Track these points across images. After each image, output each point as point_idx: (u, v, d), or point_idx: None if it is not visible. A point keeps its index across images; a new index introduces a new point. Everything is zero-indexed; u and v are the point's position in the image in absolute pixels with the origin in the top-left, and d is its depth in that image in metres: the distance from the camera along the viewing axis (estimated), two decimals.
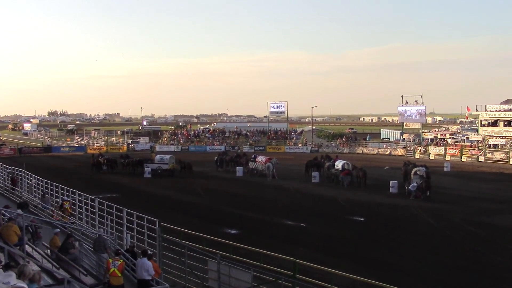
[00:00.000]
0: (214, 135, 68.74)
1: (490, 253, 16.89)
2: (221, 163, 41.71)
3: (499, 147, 48.77)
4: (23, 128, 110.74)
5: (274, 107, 70.36)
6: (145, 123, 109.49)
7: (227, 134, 68.78)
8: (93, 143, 67.70)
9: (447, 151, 50.32)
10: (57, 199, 19.90)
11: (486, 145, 49.11)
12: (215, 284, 12.09)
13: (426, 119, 78.32)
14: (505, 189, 31.12)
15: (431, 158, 49.85)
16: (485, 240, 18.65)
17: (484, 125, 54.40)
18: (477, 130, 56.89)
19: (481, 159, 47.08)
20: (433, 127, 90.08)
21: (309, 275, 12.33)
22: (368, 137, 76.04)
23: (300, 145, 62.68)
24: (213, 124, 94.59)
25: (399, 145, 58.23)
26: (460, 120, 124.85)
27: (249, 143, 63.73)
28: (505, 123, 51.75)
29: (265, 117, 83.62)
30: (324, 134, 79.01)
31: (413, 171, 29.61)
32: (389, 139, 73.82)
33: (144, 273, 10.83)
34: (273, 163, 36.17)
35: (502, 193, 29.51)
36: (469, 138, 54.21)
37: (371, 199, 27.17)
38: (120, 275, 10.58)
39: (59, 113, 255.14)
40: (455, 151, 49.89)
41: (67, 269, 10.99)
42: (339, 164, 33.51)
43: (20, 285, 6.41)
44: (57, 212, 18.48)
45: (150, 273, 10.83)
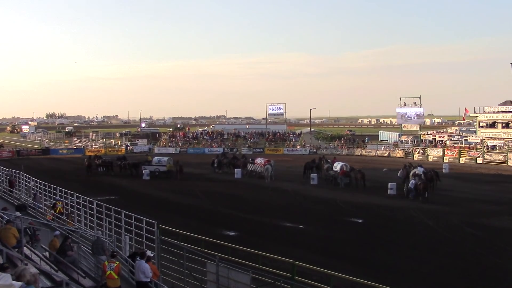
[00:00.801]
0: (213, 137, 68.71)
1: (488, 255, 16.90)
2: (219, 165, 41.67)
3: (497, 148, 48.82)
4: (21, 131, 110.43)
5: (272, 109, 70.44)
6: (143, 125, 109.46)
7: (225, 136, 68.73)
8: (92, 145, 67.67)
9: (446, 153, 50.42)
10: (55, 201, 19.87)
11: (484, 146, 49.19)
12: (213, 286, 12.08)
13: (424, 121, 78.38)
14: (503, 190, 31.17)
15: (429, 159, 49.92)
16: (483, 242, 18.66)
17: (482, 127, 54.46)
18: (475, 132, 56.95)
19: (479, 160, 47.21)
20: (431, 128, 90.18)
21: (307, 277, 12.35)
22: (366, 138, 76.30)
23: (298, 147, 62.72)
24: (211, 126, 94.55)
25: (397, 146, 58.25)
26: (458, 121, 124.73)
27: (247, 145, 63.76)
28: (503, 125, 51.81)
29: (263, 119, 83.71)
30: (323, 136, 79.07)
31: (412, 172, 29.78)
32: (387, 140, 73.90)
33: (141, 275, 10.81)
34: (272, 165, 36.34)
35: (501, 194, 29.54)
36: (467, 140, 54.32)
37: (370, 200, 27.18)
38: (116, 277, 10.54)
39: (57, 115, 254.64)
40: (453, 153, 49.98)
41: (66, 271, 10.99)
42: (337, 166, 33.71)
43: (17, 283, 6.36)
44: (50, 212, 18.53)
45: (147, 275, 10.81)
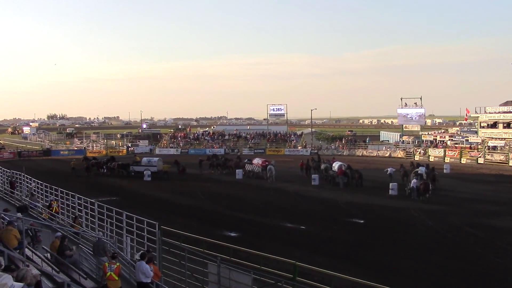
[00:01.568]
0: (214, 138, 68.72)
1: (489, 255, 16.89)
2: (211, 166, 41.92)
3: (498, 149, 48.75)
4: (23, 132, 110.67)
5: (273, 109, 70.43)
6: (144, 126, 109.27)
7: (226, 137, 68.74)
8: (93, 147, 67.69)
9: (447, 153, 50.41)
10: (51, 200, 19.92)
11: (485, 147, 49.13)
12: (215, 287, 12.09)
13: (426, 121, 78.33)
14: (504, 190, 31.15)
15: (430, 160, 49.84)
16: (484, 242, 18.65)
17: (483, 127, 54.35)
18: (476, 132, 56.82)
19: (481, 161, 47.17)
20: (432, 129, 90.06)
21: (309, 278, 12.37)
22: (367, 139, 76.22)
23: (299, 147, 62.70)
24: (212, 127, 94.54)
25: (398, 147, 58.23)
26: (459, 122, 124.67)
27: (248, 146, 63.78)
28: (504, 125, 51.72)
29: (264, 119, 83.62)
30: (324, 137, 79.09)
31: (413, 171, 29.92)
32: (388, 141, 73.87)
33: (141, 276, 10.82)
34: (274, 165, 36.62)
35: (502, 195, 29.54)
36: (468, 140, 54.24)
37: (371, 201, 27.19)
38: (117, 278, 10.54)
39: (58, 116, 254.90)
40: (455, 153, 49.95)
41: (67, 272, 10.99)
42: (335, 166, 34.34)
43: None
44: (45, 210, 18.62)
45: (147, 275, 10.80)
